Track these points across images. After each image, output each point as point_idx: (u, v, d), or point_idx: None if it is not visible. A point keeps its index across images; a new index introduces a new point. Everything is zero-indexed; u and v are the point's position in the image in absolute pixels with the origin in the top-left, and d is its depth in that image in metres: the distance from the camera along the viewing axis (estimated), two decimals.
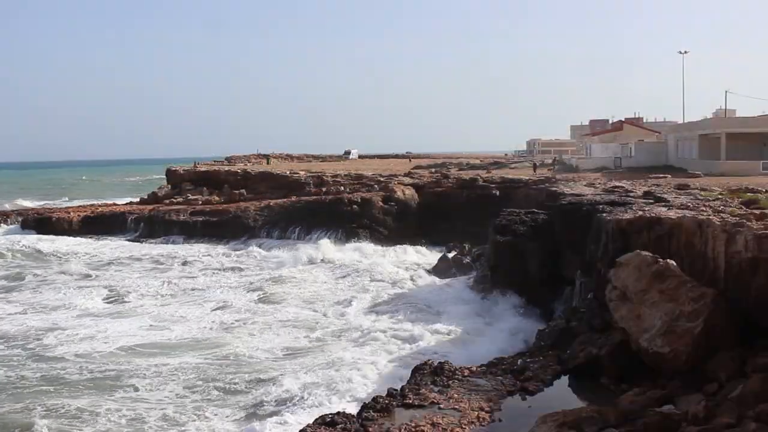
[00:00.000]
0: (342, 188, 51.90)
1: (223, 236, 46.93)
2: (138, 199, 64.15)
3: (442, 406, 13.87)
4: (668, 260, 16.24)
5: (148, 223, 51.02)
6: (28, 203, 78.14)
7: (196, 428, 16.21)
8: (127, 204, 62.64)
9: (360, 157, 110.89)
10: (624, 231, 19.37)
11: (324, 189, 52.58)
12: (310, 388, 17.75)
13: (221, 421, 16.51)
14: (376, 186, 50.81)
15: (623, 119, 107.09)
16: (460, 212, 43.63)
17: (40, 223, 53.10)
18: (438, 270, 35.12)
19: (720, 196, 23.43)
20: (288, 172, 60.25)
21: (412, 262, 38.00)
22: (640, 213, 20.09)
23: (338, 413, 13.80)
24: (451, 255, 37.43)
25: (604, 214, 21.49)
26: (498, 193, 44.28)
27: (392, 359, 20.30)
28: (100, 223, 52.37)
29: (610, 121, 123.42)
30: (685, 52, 73.14)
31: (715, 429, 10.89)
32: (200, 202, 54.75)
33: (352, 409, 14.75)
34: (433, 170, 61.86)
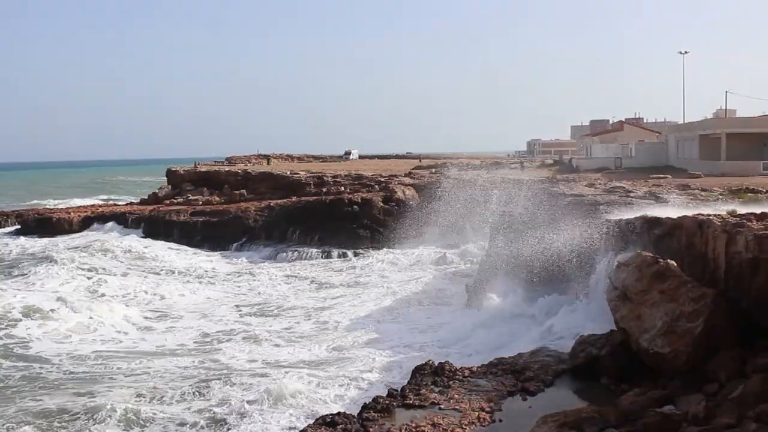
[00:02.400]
0: (342, 188, 51.94)
1: (223, 237, 46.90)
2: (138, 200, 64.21)
3: (442, 406, 13.83)
4: (668, 260, 16.24)
5: (149, 224, 51.05)
6: (80, 201, 77.38)
7: None
8: (127, 204, 62.67)
9: (360, 157, 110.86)
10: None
11: (324, 189, 52.60)
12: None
13: None
14: (376, 186, 50.85)
15: (623, 119, 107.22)
16: None
17: (41, 223, 53.14)
18: None
19: (720, 197, 23.43)
20: (288, 173, 60.25)
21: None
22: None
23: (338, 413, 13.79)
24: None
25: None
26: None
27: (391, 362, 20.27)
28: (100, 224, 52.36)
29: (611, 122, 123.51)
30: (685, 52, 73.03)
31: (715, 429, 10.88)
32: (200, 203, 54.76)
33: (353, 409, 14.74)
34: (432, 170, 61.90)
